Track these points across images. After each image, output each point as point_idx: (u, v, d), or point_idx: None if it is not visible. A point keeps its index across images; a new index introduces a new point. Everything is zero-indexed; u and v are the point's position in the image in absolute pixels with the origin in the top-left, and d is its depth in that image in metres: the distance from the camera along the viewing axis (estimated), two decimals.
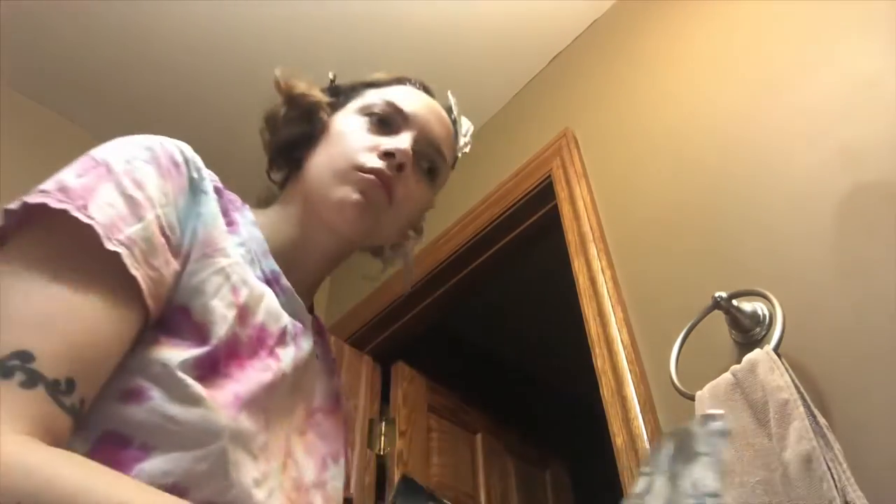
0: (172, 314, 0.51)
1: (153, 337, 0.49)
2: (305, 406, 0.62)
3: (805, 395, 0.89)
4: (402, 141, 0.68)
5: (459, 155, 0.81)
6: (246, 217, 0.64)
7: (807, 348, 1.00)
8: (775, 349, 0.95)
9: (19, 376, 0.39)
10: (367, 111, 0.71)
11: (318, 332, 0.72)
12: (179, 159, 0.56)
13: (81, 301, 0.44)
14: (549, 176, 1.69)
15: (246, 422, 0.50)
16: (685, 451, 0.46)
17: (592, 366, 1.28)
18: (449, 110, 0.80)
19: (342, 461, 0.64)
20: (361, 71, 0.84)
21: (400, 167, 0.67)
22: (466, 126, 0.82)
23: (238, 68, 1.95)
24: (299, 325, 0.63)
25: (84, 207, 0.46)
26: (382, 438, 1.83)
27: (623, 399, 1.18)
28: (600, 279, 1.36)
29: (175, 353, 0.48)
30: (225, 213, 0.60)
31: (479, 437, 2.14)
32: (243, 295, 0.55)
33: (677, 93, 1.51)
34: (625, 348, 1.24)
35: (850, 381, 0.94)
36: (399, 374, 1.97)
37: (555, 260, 1.63)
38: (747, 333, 1.07)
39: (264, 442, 0.52)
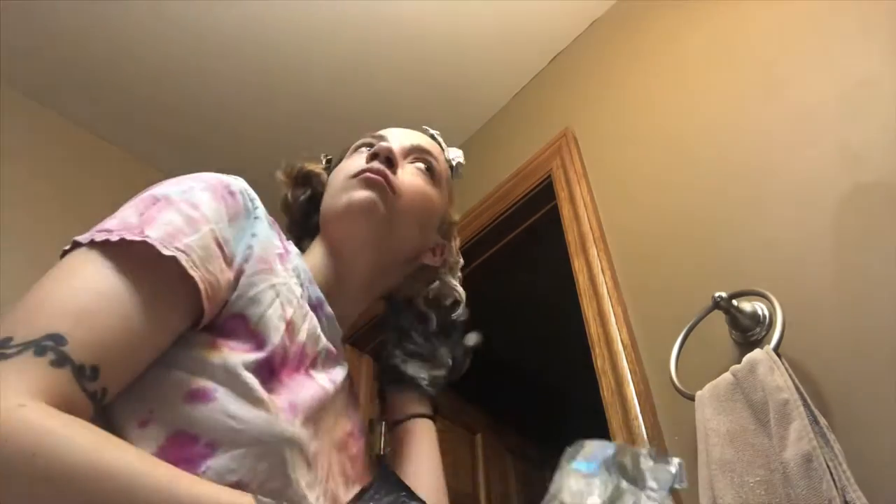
0: (229, 321, 0.54)
1: (211, 340, 0.52)
2: (342, 427, 0.65)
3: (805, 395, 0.89)
4: (383, 143, 0.75)
5: (452, 173, 0.86)
6: (291, 250, 0.69)
7: (807, 348, 1.00)
8: (775, 349, 0.95)
9: (50, 355, 0.42)
10: (352, 152, 0.80)
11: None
12: (234, 188, 0.60)
13: (122, 299, 0.47)
14: (549, 176, 1.69)
15: (301, 429, 0.53)
16: (632, 476, 0.45)
17: (592, 366, 1.28)
18: (427, 133, 0.87)
19: (356, 487, 0.66)
20: (364, 73, 0.88)
21: (388, 160, 0.73)
22: (455, 153, 0.88)
23: (238, 68, 1.95)
24: (334, 350, 0.68)
25: (141, 233, 0.50)
26: (382, 439, 1.83)
27: (623, 399, 1.18)
28: (600, 279, 1.36)
29: (237, 356, 0.52)
30: (280, 237, 0.66)
31: (479, 437, 2.14)
32: (289, 312, 0.59)
33: (677, 92, 1.51)
34: (625, 348, 1.24)
35: (850, 381, 0.94)
36: None
37: (555, 260, 1.63)
38: (747, 333, 1.07)
39: (315, 451, 0.56)
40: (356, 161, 0.75)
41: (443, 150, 0.85)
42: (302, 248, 0.77)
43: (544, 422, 2.75)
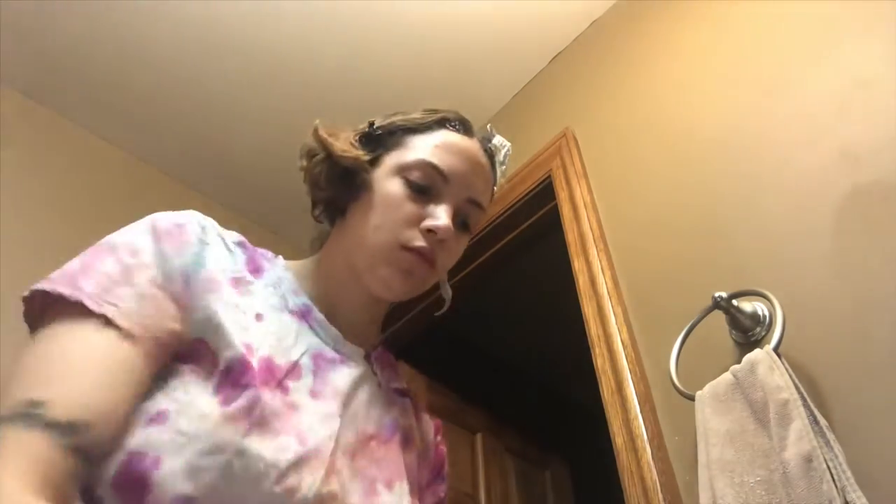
0: (192, 347, 0.57)
1: (177, 368, 0.56)
2: (355, 430, 0.64)
3: (805, 395, 0.89)
4: (444, 216, 0.70)
5: (496, 189, 0.83)
6: (276, 264, 0.70)
7: (807, 348, 1.00)
8: (775, 349, 0.95)
9: (28, 420, 0.46)
10: (406, 174, 0.72)
11: (389, 364, 0.79)
12: (182, 221, 0.62)
13: (86, 349, 0.51)
14: (549, 176, 1.69)
15: (256, 440, 0.53)
16: None
17: (592, 366, 1.28)
18: (486, 143, 0.81)
19: (399, 490, 0.65)
20: (364, 73, 0.83)
21: (441, 242, 0.70)
22: (504, 151, 0.84)
23: (238, 68, 1.95)
24: (336, 354, 0.68)
25: (75, 286, 0.54)
26: None
27: (623, 399, 1.18)
28: (600, 279, 1.36)
29: (193, 377, 0.55)
30: (250, 261, 0.67)
31: (479, 437, 2.14)
32: (247, 330, 0.60)
33: (677, 92, 1.51)
34: (625, 348, 1.24)
35: (850, 381, 0.94)
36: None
37: (555, 260, 1.63)
38: (747, 333, 1.07)
39: (299, 456, 0.55)
40: (409, 209, 0.70)
41: (495, 181, 0.82)
42: (317, 218, 0.78)
43: (544, 422, 2.75)
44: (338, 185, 0.73)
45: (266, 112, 2.06)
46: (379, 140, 0.76)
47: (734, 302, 1.07)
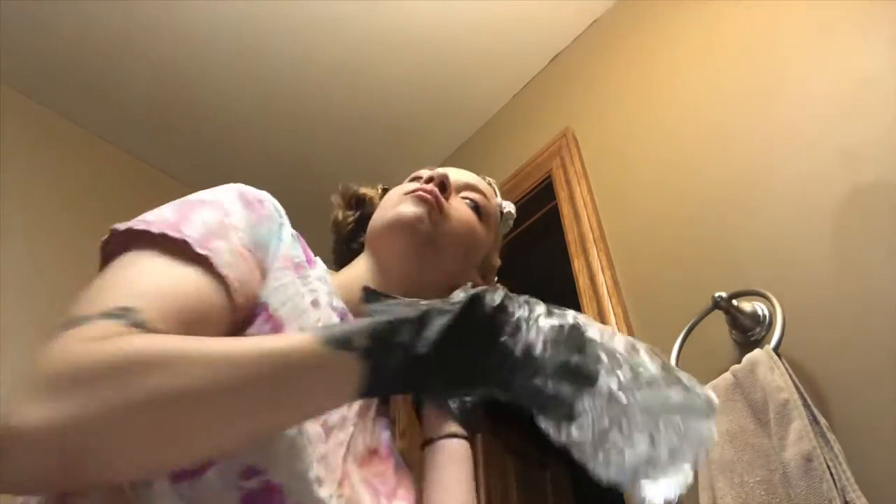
0: (253, 310, 0.56)
1: (234, 333, 0.54)
2: (364, 442, 0.64)
3: (805, 395, 0.89)
4: (437, 169, 0.75)
5: (501, 218, 0.87)
6: (319, 262, 0.71)
7: (807, 348, 1.00)
8: (775, 349, 0.95)
9: (122, 321, 0.42)
10: (408, 180, 0.79)
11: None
12: (263, 198, 0.64)
13: (183, 281, 0.49)
14: (549, 176, 1.69)
15: (306, 432, 0.53)
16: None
17: None
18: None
19: (393, 501, 0.65)
20: (364, 73, 0.85)
21: (441, 186, 0.73)
22: (507, 205, 0.89)
23: (238, 68, 1.95)
24: None
25: (179, 231, 0.52)
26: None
27: None
28: (600, 279, 1.36)
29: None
30: (305, 251, 0.68)
31: (479, 437, 2.14)
32: (312, 310, 0.61)
33: (677, 92, 1.51)
34: None
35: (850, 381, 0.94)
36: None
37: (555, 260, 1.63)
38: (747, 333, 1.07)
39: (324, 453, 0.55)
40: (411, 185, 0.76)
41: (496, 195, 0.86)
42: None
43: None
44: (353, 218, 0.84)
45: (266, 112, 2.06)
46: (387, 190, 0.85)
47: (734, 302, 1.07)
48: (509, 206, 0.90)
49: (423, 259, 0.72)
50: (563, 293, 1.68)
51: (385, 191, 0.85)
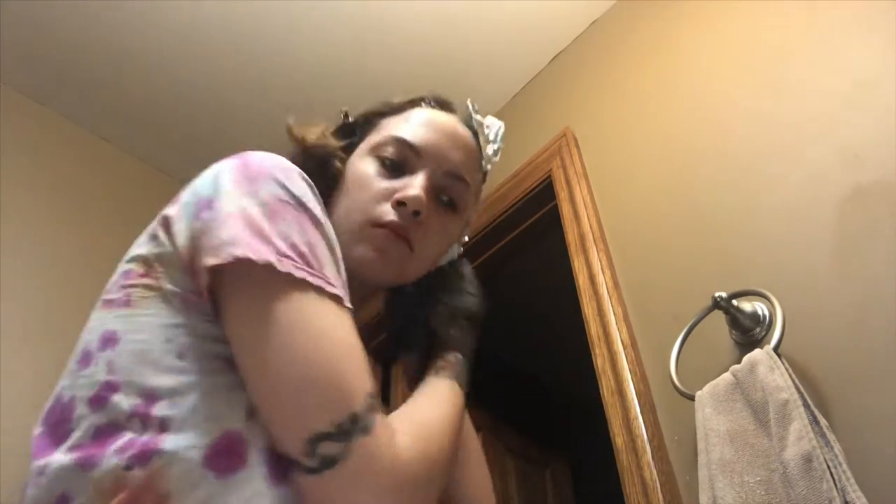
0: None
1: None
2: None
3: (805, 395, 0.89)
4: (415, 185, 0.66)
5: (488, 166, 0.78)
6: None
7: (807, 348, 1.00)
8: (775, 349, 0.95)
9: (377, 412, 0.48)
10: (378, 152, 0.70)
11: None
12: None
13: (351, 330, 0.51)
14: (549, 176, 1.69)
15: None
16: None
17: (592, 366, 1.28)
18: (468, 121, 0.77)
19: None
20: (364, 73, 0.82)
21: (415, 213, 0.65)
22: (495, 128, 0.79)
23: (238, 68, 1.95)
24: None
25: (312, 267, 0.51)
26: None
27: (623, 399, 1.18)
28: (600, 279, 1.36)
29: None
30: None
31: (479, 437, 2.14)
32: None
33: (677, 93, 1.51)
34: (625, 348, 1.24)
35: (850, 381, 0.94)
36: (399, 374, 1.97)
37: (555, 260, 1.63)
38: (747, 333, 1.07)
39: None
40: (380, 186, 0.67)
41: (480, 155, 0.77)
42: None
43: (544, 422, 2.75)
44: (315, 179, 0.68)
45: (266, 112, 2.06)
46: (354, 129, 0.76)
47: (734, 302, 1.07)
48: (495, 151, 0.79)
49: (387, 283, 0.72)
50: (563, 293, 1.68)
51: (349, 128, 0.77)
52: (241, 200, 0.52)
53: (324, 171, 0.70)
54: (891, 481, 0.84)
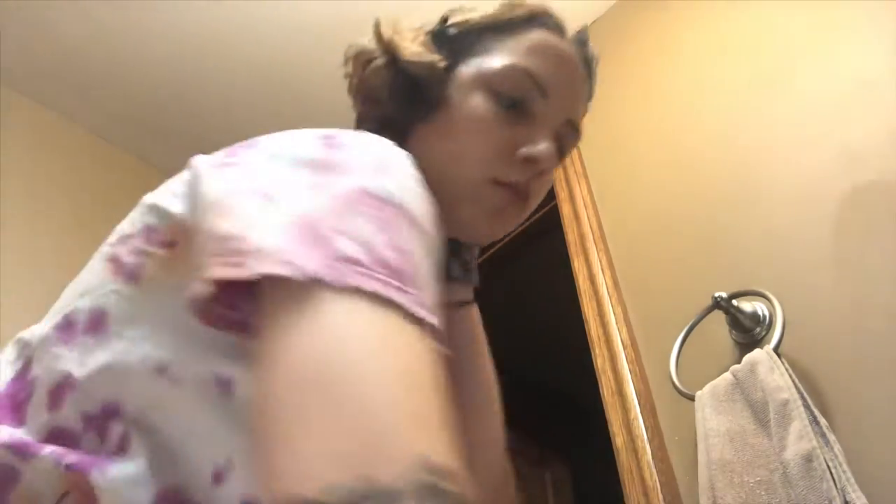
0: None
1: None
2: None
3: (805, 395, 0.89)
4: (545, 139, 0.55)
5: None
6: None
7: (807, 348, 1.00)
8: (775, 349, 0.95)
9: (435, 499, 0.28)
10: (494, 85, 0.55)
11: None
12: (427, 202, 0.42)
13: (434, 371, 0.34)
14: None
15: None
16: None
17: (592, 366, 1.28)
18: (583, 47, 0.66)
19: None
20: None
21: (542, 173, 0.56)
22: (596, 61, 0.69)
23: (239, 68, 1.95)
24: None
25: (421, 303, 0.34)
26: None
27: (623, 399, 1.18)
28: (600, 279, 1.36)
29: None
30: None
31: None
32: None
33: (677, 93, 1.51)
34: (625, 348, 1.24)
35: (850, 381, 0.94)
36: None
37: (555, 260, 1.63)
38: (747, 333, 1.07)
39: None
40: (501, 135, 0.54)
41: (593, 71, 0.67)
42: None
43: (544, 422, 2.75)
44: (403, 100, 0.56)
45: (266, 112, 2.06)
46: (454, 42, 0.59)
47: (734, 302, 1.07)
48: (594, 54, 0.68)
49: (492, 240, 0.60)
50: (563, 293, 1.68)
51: (449, 38, 0.59)
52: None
53: (417, 93, 0.56)
54: (891, 481, 0.84)
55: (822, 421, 0.87)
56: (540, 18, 0.62)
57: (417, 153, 0.49)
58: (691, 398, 1.02)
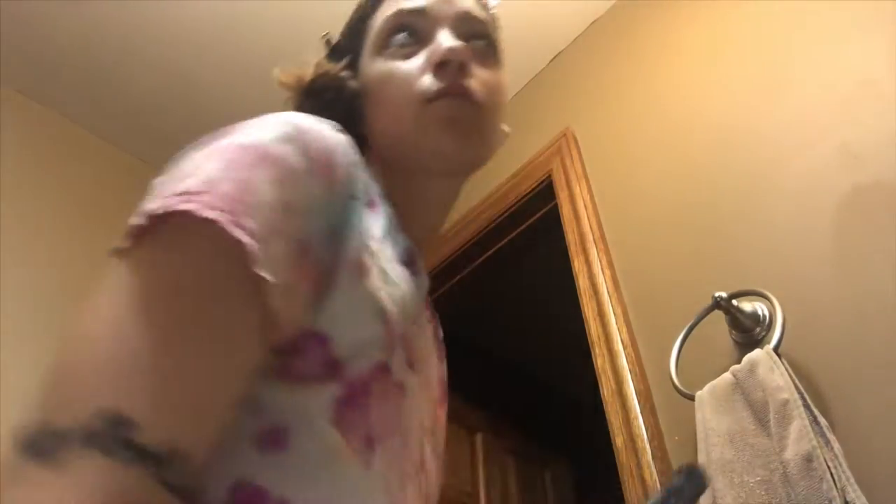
0: (307, 341, 0.41)
1: (285, 368, 0.40)
2: (429, 402, 0.55)
3: (805, 395, 0.89)
4: (444, 39, 0.57)
5: (492, 6, 0.69)
6: (375, 186, 0.54)
7: (807, 348, 1.00)
8: (775, 349, 0.95)
9: (107, 446, 0.29)
10: (384, 44, 0.60)
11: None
12: (338, 160, 0.46)
13: (201, 344, 0.34)
14: (549, 176, 1.69)
15: (379, 463, 0.44)
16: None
17: (592, 366, 1.28)
18: None
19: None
20: None
21: (462, 66, 0.56)
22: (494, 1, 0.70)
23: (239, 68, 1.95)
24: (426, 311, 0.57)
25: (235, 221, 0.36)
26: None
27: (623, 399, 1.18)
28: (600, 279, 1.36)
29: (313, 393, 0.41)
30: (365, 192, 0.50)
31: (479, 436, 2.14)
32: (393, 324, 0.46)
33: (677, 92, 1.51)
34: (625, 348, 1.24)
35: (850, 380, 0.94)
36: None
37: (555, 260, 1.63)
38: (747, 333, 1.07)
39: (399, 472, 0.46)
40: (409, 66, 0.58)
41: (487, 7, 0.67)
42: None
43: (544, 422, 2.75)
44: (334, 113, 0.58)
45: (266, 111, 2.06)
46: (344, 47, 0.67)
47: (734, 302, 1.07)
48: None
49: (474, 163, 0.59)
50: (563, 293, 1.68)
51: (338, 50, 0.67)
52: None
53: (339, 98, 0.62)
54: (891, 481, 0.84)
55: (822, 421, 0.87)
56: None
57: (376, 139, 0.59)
58: (691, 398, 1.02)
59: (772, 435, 0.88)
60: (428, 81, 0.56)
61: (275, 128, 0.44)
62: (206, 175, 0.38)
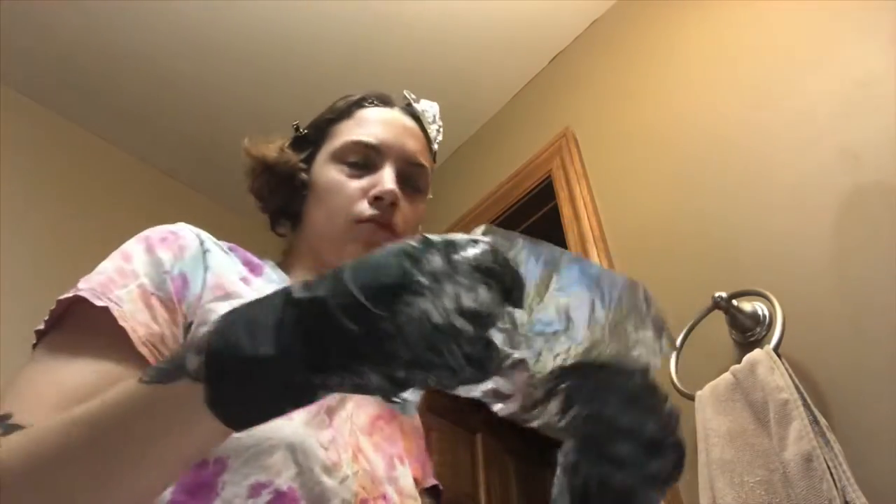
0: None
1: None
2: (366, 412, 0.66)
3: (805, 395, 0.89)
4: (386, 180, 0.71)
5: (435, 145, 0.84)
6: (267, 263, 0.71)
7: (807, 348, 1.00)
8: (775, 349, 0.95)
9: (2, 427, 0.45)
10: (342, 158, 0.74)
11: None
12: (177, 230, 0.63)
13: (67, 364, 0.51)
14: (549, 176, 1.69)
15: (301, 427, 0.55)
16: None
17: None
18: (409, 109, 0.83)
19: (407, 463, 0.67)
20: (364, 73, 0.80)
21: (392, 204, 0.71)
22: (431, 112, 0.85)
23: (238, 68, 1.95)
24: None
25: (94, 293, 0.54)
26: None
27: None
28: None
29: None
30: (246, 262, 0.67)
31: (479, 437, 2.14)
32: None
33: (677, 92, 1.51)
34: None
35: (850, 381, 0.94)
36: None
37: None
38: (747, 333, 1.07)
39: (331, 437, 0.57)
40: (352, 186, 0.72)
41: (428, 139, 0.82)
42: (277, 231, 0.80)
43: None
44: (283, 193, 0.76)
45: (266, 112, 2.06)
46: (308, 139, 0.80)
47: (734, 302, 1.07)
48: (437, 132, 0.84)
49: None
50: None
51: (303, 140, 0.80)
52: None
53: (290, 184, 0.76)
54: (891, 481, 0.84)
55: (822, 421, 0.87)
56: (362, 101, 0.80)
57: (309, 226, 0.74)
58: (691, 398, 1.02)
59: (772, 435, 0.88)
60: (362, 206, 0.70)
61: (146, 234, 0.62)
62: (96, 271, 0.58)
